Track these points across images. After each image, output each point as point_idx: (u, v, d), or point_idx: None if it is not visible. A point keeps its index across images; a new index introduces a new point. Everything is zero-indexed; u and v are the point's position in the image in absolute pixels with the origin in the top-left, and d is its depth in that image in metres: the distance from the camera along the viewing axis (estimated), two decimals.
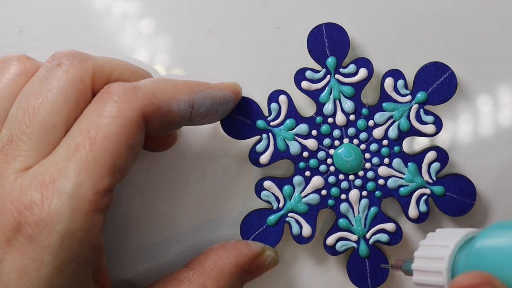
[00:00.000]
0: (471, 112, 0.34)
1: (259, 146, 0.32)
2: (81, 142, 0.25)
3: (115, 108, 0.26)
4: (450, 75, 0.32)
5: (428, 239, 0.27)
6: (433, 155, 0.33)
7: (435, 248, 0.26)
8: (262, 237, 0.33)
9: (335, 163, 0.33)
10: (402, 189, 0.33)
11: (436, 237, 0.27)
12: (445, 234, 0.26)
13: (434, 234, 0.27)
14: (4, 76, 0.28)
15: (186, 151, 0.33)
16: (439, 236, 0.27)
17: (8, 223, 0.25)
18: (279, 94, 0.32)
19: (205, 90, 0.30)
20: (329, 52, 0.32)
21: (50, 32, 0.33)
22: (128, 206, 0.33)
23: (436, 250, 0.26)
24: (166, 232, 0.34)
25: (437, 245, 0.26)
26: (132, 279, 0.34)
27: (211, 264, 0.31)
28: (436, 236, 0.27)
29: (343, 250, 0.33)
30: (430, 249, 0.26)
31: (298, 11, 0.33)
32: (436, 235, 0.27)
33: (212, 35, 0.33)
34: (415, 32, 0.33)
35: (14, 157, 0.26)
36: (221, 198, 0.34)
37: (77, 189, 0.25)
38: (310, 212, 0.33)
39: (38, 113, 0.26)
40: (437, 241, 0.26)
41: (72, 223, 0.25)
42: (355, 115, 0.33)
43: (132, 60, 0.32)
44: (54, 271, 0.25)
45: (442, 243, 0.26)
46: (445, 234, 0.27)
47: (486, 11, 0.33)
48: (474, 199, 0.33)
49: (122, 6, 0.33)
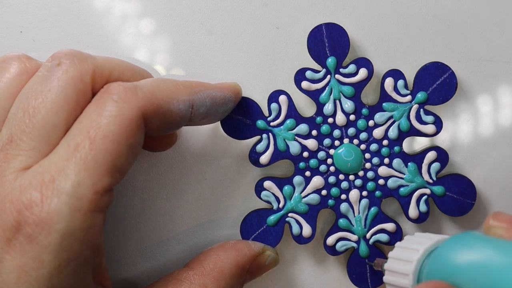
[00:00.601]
0: (471, 112, 0.34)
1: (259, 146, 0.32)
2: (80, 141, 0.25)
3: (115, 107, 0.26)
4: (450, 75, 0.32)
5: (404, 242, 0.27)
6: (433, 155, 0.33)
7: (407, 250, 0.26)
8: (262, 237, 0.33)
9: (335, 163, 0.33)
10: (402, 189, 0.33)
11: (411, 240, 0.27)
12: (420, 239, 0.27)
13: (411, 237, 0.28)
14: (5, 75, 0.28)
15: (186, 151, 0.33)
16: (414, 240, 0.27)
17: (7, 223, 0.25)
18: (279, 94, 0.32)
19: (205, 90, 0.29)
20: (329, 52, 0.32)
21: (50, 32, 0.33)
22: (128, 206, 0.33)
23: (408, 252, 0.26)
24: (166, 232, 0.34)
25: (410, 248, 0.26)
26: (132, 279, 0.33)
27: (211, 264, 0.31)
28: (411, 239, 0.27)
29: (343, 250, 0.33)
30: (403, 251, 0.26)
31: (298, 11, 0.33)
32: (412, 238, 0.27)
33: (212, 35, 0.33)
34: (415, 32, 0.33)
35: (14, 157, 0.26)
36: (221, 198, 0.34)
37: (76, 189, 0.25)
38: (310, 212, 0.33)
39: (38, 112, 0.26)
40: (410, 244, 0.27)
41: (72, 223, 0.25)
42: (355, 115, 0.33)
43: (132, 60, 0.32)
44: (53, 271, 0.25)
45: (414, 246, 0.26)
46: (419, 238, 0.27)
47: (486, 11, 0.33)
48: (474, 199, 0.33)
49: (122, 6, 0.33)
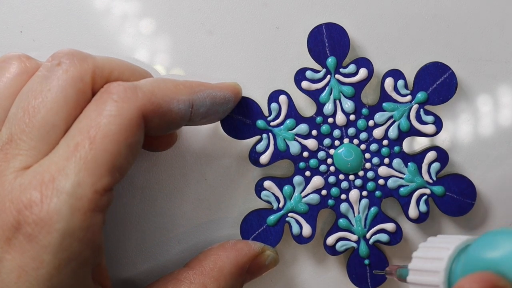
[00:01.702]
0: (471, 112, 0.34)
1: (259, 146, 0.32)
2: (80, 141, 0.25)
3: (115, 107, 0.26)
4: (450, 75, 0.32)
5: (429, 242, 0.27)
6: (433, 155, 0.33)
7: (435, 249, 0.26)
8: (262, 237, 0.33)
9: (335, 163, 0.33)
10: (402, 189, 0.33)
11: (436, 240, 0.27)
12: (447, 238, 0.27)
13: (435, 238, 0.28)
14: (5, 75, 0.28)
15: (186, 151, 0.33)
16: (440, 240, 0.27)
17: (7, 222, 0.25)
18: (279, 94, 0.32)
19: (205, 90, 0.29)
20: (329, 52, 0.32)
21: (50, 32, 0.33)
22: (128, 206, 0.33)
23: (436, 251, 0.26)
24: (166, 232, 0.34)
25: (437, 247, 0.26)
26: (132, 279, 0.33)
27: (211, 264, 0.31)
28: (436, 239, 0.27)
29: (343, 250, 0.33)
30: (430, 250, 0.26)
31: (298, 11, 0.33)
32: (436, 239, 0.27)
33: (212, 35, 0.33)
34: (415, 32, 0.33)
35: (14, 156, 0.26)
36: (221, 198, 0.34)
37: (76, 188, 0.25)
38: (310, 212, 0.33)
39: (38, 112, 0.26)
40: (437, 244, 0.27)
41: (72, 223, 0.25)
42: (355, 115, 0.33)
43: (132, 60, 0.32)
44: (53, 270, 0.25)
45: (443, 245, 0.26)
46: (446, 238, 0.27)
47: (486, 11, 0.33)
48: (474, 199, 0.33)
49: (122, 6, 0.33)
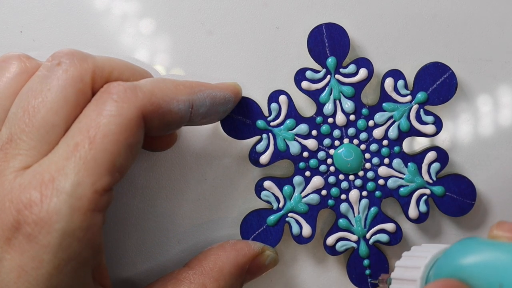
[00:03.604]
0: (471, 112, 0.34)
1: (259, 146, 0.32)
2: (80, 141, 0.25)
3: (115, 107, 0.26)
4: (450, 75, 0.32)
5: (411, 251, 0.28)
6: (433, 155, 0.33)
7: (414, 258, 0.27)
8: (262, 237, 0.33)
9: (335, 163, 0.33)
10: (402, 189, 0.33)
11: (418, 249, 0.28)
12: (427, 247, 0.27)
13: (418, 247, 0.28)
14: (5, 75, 0.28)
15: (186, 151, 0.33)
16: (421, 249, 0.28)
17: (7, 222, 0.25)
18: (279, 94, 0.32)
19: (205, 90, 0.29)
20: (329, 52, 0.32)
21: (50, 32, 0.33)
22: (128, 206, 0.33)
23: (415, 260, 0.27)
24: (166, 232, 0.34)
25: (416, 256, 0.27)
26: (132, 279, 0.33)
27: (211, 264, 0.31)
28: (418, 248, 0.28)
29: (343, 250, 0.33)
30: (410, 259, 0.27)
31: (298, 11, 0.33)
32: (419, 247, 0.28)
33: (212, 35, 0.33)
34: (415, 32, 0.33)
35: (14, 156, 0.26)
36: (221, 198, 0.34)
37: (76, 188, 0.25)
38: (310, 212, 0.33)
39: (38, 112, 0.26)
40: (417, 253, 0.27)
41: (71, 222, 0.25)
42: (355, 115, 0.33)
43: (132, 60, 0.32)
44: (53, 270, 0.25)
45: (421, 254, 0.27)
46: (426, 247, 0.27)
47: (486, 11, 0.33)
48: (474, 199, 0.33)
49: (122, 6, 0.33)
